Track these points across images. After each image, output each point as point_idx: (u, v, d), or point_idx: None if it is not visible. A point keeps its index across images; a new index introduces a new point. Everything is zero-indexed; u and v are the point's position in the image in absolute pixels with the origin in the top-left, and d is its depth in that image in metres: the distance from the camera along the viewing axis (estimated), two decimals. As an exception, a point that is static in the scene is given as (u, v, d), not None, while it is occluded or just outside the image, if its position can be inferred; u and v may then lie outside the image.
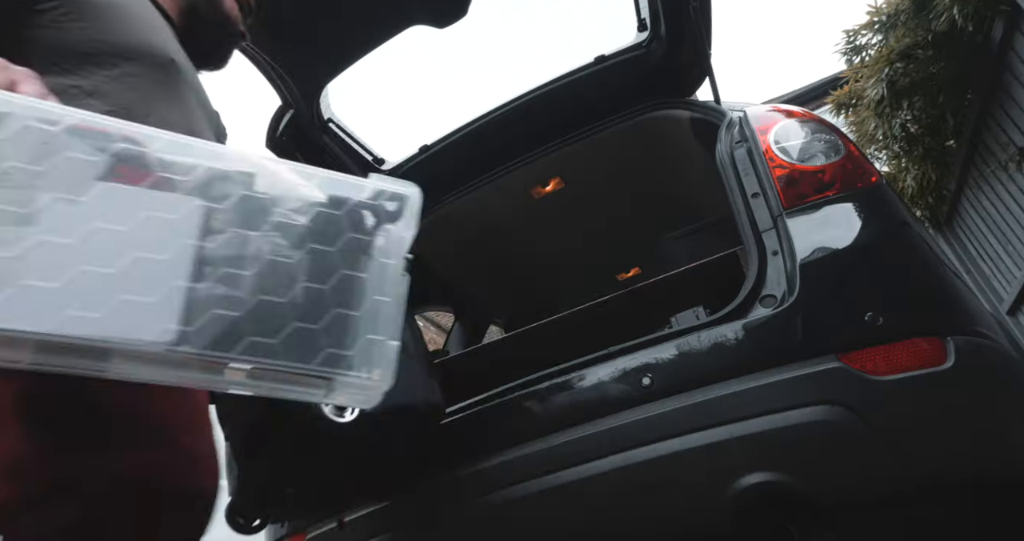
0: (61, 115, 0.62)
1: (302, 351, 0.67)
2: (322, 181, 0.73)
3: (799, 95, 8.57)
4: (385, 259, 0.73)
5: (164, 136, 0.67)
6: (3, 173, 0.58)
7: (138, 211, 0.63)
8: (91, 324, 0.59)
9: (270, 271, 0.67)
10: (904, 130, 4.13)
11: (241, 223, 0.67)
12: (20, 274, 0.57)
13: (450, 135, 2.16)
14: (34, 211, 0.59)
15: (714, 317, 1.24)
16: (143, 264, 0.62)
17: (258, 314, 0.65)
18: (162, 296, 0.62)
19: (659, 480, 1.14)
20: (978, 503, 1.11)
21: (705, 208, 2.41)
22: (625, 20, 2.00)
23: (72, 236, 0.60)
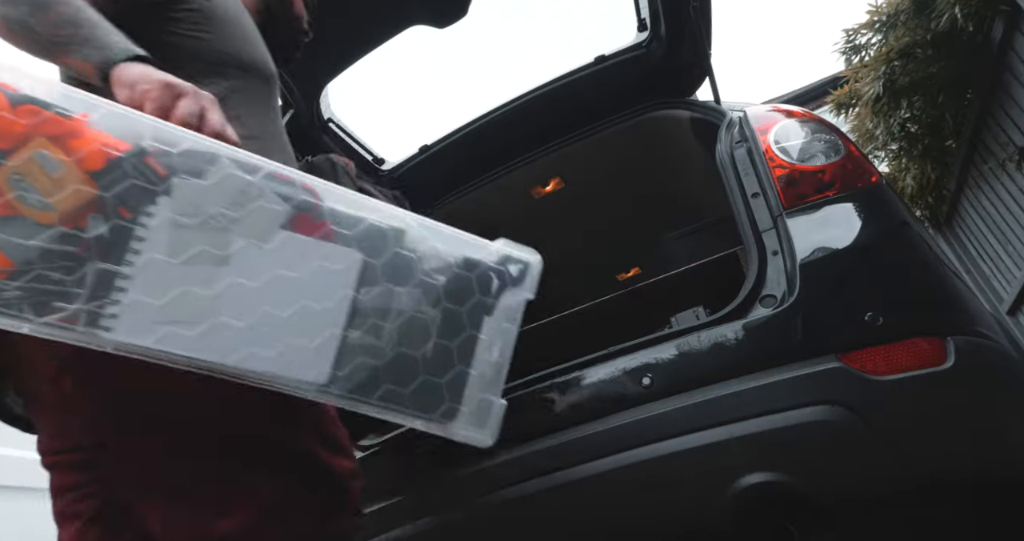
0: (258, 165, 0.67)
1: (427, 402, 0.73)
2: (458, 242, 0.79)
3: (799, 95, 8.56)
4: (503, 322, 0.79)
5: (335, 190, 0.72)
6: (208, 217, 0.64)
7: (310, 260, 0.69)
8: (265, 361, 0.65)
9: (408, 325, 0.73)
10: (903, 129, 4.13)
11: (391, 278, 0.73)
12: (215, 311, 0.63)
13: (450, 135, 2.16)
14: (229, 254, 0.65)
15: (714, 317, 1.24)
16: (310, 310, 0.68)
17: (395, 365, 0.71)
18: (322, 341, 0.68)
19: (659, 480, 1.14)
20: (978, 503, 1.11)
21: (705, 208, 2.41)
22: (625, 20, 2.00)
23: (258, 280, 0.66)
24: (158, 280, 0.62)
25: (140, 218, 0.61)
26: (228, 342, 0.64)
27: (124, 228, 0.61)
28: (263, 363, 0.65)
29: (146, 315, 0.61)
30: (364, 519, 0.94)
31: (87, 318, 0.59)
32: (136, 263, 0.61)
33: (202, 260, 0.64)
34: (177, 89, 0.72)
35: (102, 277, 0.60)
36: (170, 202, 0.62)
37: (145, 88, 0.70)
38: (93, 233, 0.59)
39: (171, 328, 0.62)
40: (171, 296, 0.62)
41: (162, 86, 0.71)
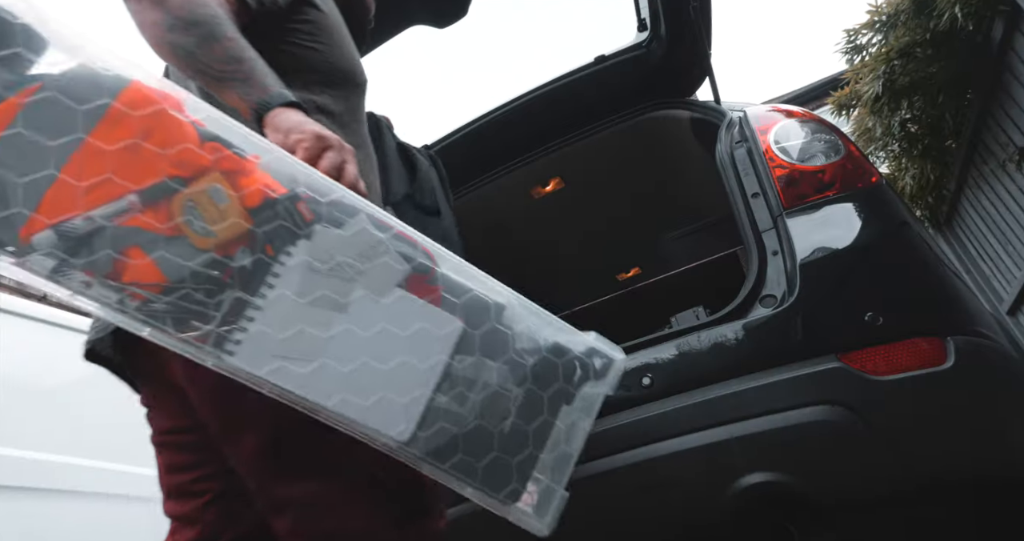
0: (390, 224, 0.73)
1: (495, 479, 0.74)
2: (552, 327, 0.81)
3: (799, 95, 8.56)
4: (579, 413, 0.80)
5: (450, 257, 0.77)
6: (337, 265, 0.69)
7: (416, 321, 0.72)
8: (358, 409, 0.68)
9: (492, 400, 0.75)
10: (904, 129, 4.13)
11: (484, 351, 0.75)
12: (325, 352, 0.68)
13: (450, 135, 2.16)
14: (348, 302, 0.69)
15: (714, 317, 1.24)
16: (407, 368, 0.71)
17: (473, 436, 0.73)
18: (412, 399, 0.71)
19: (659, 480, 1.14)
20: (978, 503, 1.11)
21: (705, 208, 2.41)
22: (625, 20, 2.00)
23: (368, 331, 0.70)
24: (282, 316, 0.66)
25: (280, 256, 0.67)
26: (330, 384, 0.67)
27: (265, 263, 0.66)
28: (356, 410, 0.68)
29: (266, 346, 0.65)
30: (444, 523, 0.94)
31: (215, 339, 0.64)
32: (268, 297, 0.66)
33: (323, 304, 0.68)
34: (326, 141, 0.77)
35: (236, 304, 0.65)
36: (308, 246, 0.68)
37: (299, 138, 0.76)
38: (239, 263, 0.65)
39: (284, 363, 0.66)
40: (291, 332, 0.66)
41: (314, 137, 0.76)
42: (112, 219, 0.61)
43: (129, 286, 0.62)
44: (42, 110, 0.60)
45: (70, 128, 0.60)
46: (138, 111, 0.63)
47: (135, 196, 0.62)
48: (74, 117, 0.61)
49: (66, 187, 0.60)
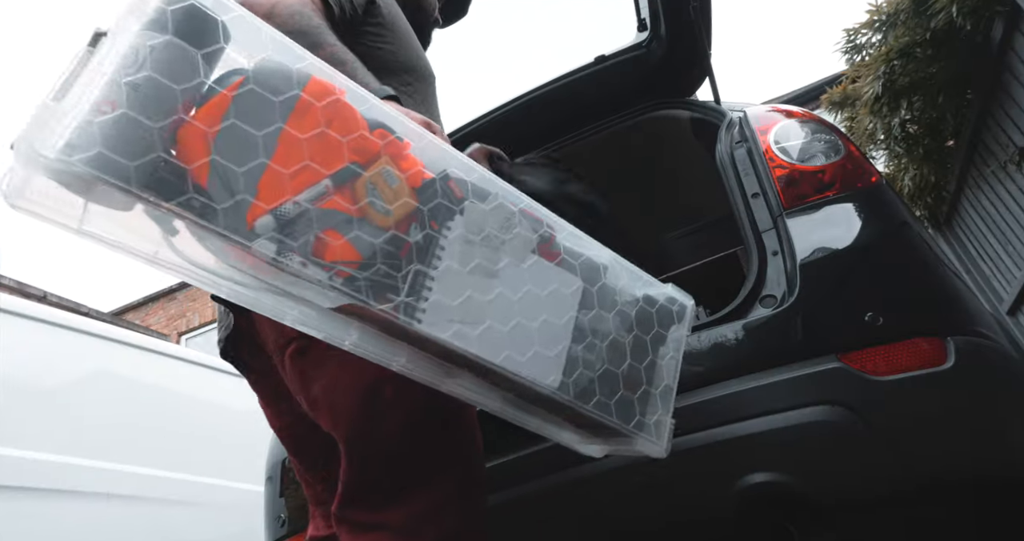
0: (520, 198, 0.82)
1: (625, 413, 0.85)
2: (642, 281, 0.93)
3: (799, 95, 8.57)
4: (671, 352, 0.92)
5: (566, 227, 0.87)
6: (487, 236, 0.77)
7: (551, 282, 0.82)
8: (519, 364, 0.77)
9: (611, 347, 0.85)
10: (904, 130, 4.13)
11: (601, 304, 0.86)
12: (489, 315, 0.76)
13: (450, 135, 2.16)
14: (498, 269, 0.77)
15: (714, 317, 1.24)
16: (550, 324, 0.80)
17: (604, 378, 0.84)
18: (558, 351, 0.80)
19: (659, 480, 1.14)
20: (978, 503, 1.11)
21: (705, 208, 2.41)
22: (625, 20, 2.00)
23: (517, 293, 0.78)
24: (453, 284, 0.74)
25: (443, 231, 0.74)
26: (496, 343, 0.75)
27: (433, 237, 0.73)
28: (518, 365, 0.76)
29: (444, 313, 0.72)
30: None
31: (405, 309, 0.70)
32: (439, 268, 0.73)
33: (480, 272, 0.76)
34: (433, 127, 0.85)
35: (417, 276, 0.72)
36: (463, 220, 0.76)
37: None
38: (414, 238, 0.72)
39: (461, 326, 0.73)
40: (461, 298, 0.74)
41: (423, 124, 0.83)
42: (314, 202, 0.67)
43: (334, 265, 0.67)
44: (248, 102, 0.64)
45: (272, 119, 0.65)
46: (321, 101, 0.69)
47: (329, 180, 0.68)
48: (273, 108, 0.66)
49: (275, 174, 0.65)
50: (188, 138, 0.62)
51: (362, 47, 1.01)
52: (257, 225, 0.63)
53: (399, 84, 1.03)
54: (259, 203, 0.64)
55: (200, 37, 0.63)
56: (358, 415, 0.90)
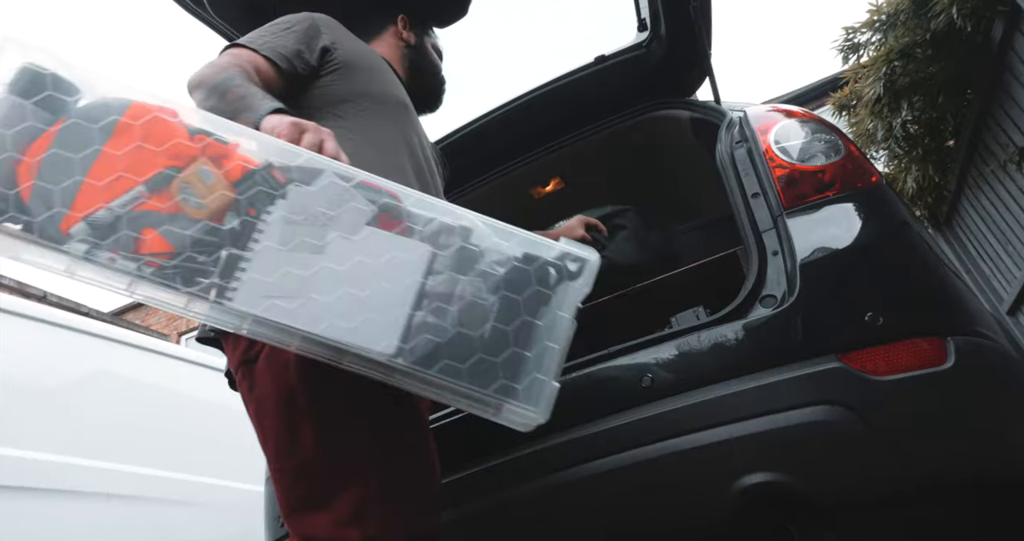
0: (354, 175, 0.86)
1: (482, 378, 0.83)
2: (521, 240, 0.90)
3: (799, 95, 8.57)
4: (559, 311, 0.88)
5: (416, 195, 0.88)
6: (311, 215, 0.82)
7: (388, 251, 0.84)
8: (344, 331, 0.80)
9: (469, 309, 0.84)
10: (904, 130, 4.13)
11: (455, 268, 0.86)
12: (308, 289, 0.80)
13: (450, 135, 2.16)
14: (325, 244, 0.82)
15: (714, 317, 1.24)
16: (384, 291, 0.82)
17: (454, 342, 0.83)
18: (393, 318, 0.81)
19: (659, 480, 1.14)
20: (978, 503, 1.11)
21: (705, 208, 2.41)
22: (625, 20, 2.00)
23: (343, 265, 0.82)
24: (269, 263, 0.80)
25: (262, 215, 0.81)
26: (316, 314, 0.79)
27: (250, 222, 0.81)
28: (342, 333, 0.79)
29: (258, 290, 0.79)
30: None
31: (216, 291, 0.78)
32: (255, 249, 0.80)
33: (303, 248, 0.81)
34: (301, 126, 0.93)
35: (230, 259, 0.79)
36: (285, 203, 0.82)
37: (280, 129, 0.92)
38: (228, 226, 0.80)
39: (275, 301, 0.79)
40: (277, 275, 0.79)
41: (291, 125, 0.93)
42: (126, 207, 0.78)
43: (145, 256, 0.78)
44: (70, 134, 0.79)
45: (90, 143, 0.79)
46: (139, 120, 0.81)
47: (143, 187, 0.79)
48: (92, 134, 0.79)
49: (90, 187, 0.78)
50: (21, 171, 0.77)
51: (318, 87, 1.24)
52: (72, 231, 0.76)
53: (354, 108, 1.22)
54: (73, 213, 0.77)
55: (31, 90, 0.79)
56: (279, 430, 0.97)
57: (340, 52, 1.27)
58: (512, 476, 1.25)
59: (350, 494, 0.91)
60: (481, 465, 1.29)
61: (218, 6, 1.69)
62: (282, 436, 0.97)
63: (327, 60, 1.26)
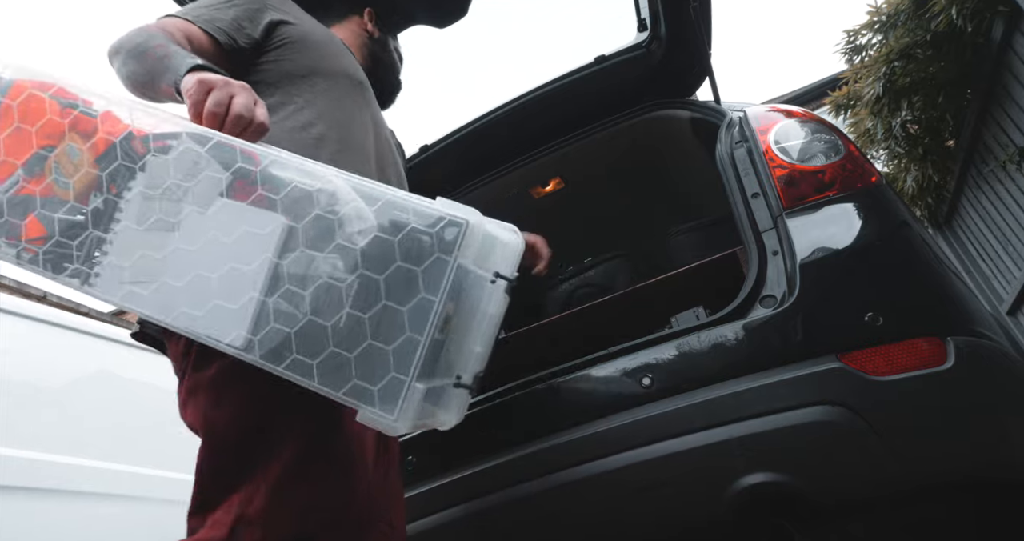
0: (209, 136, 0.76)
1: (333, 377, 0.70)
2: (386, 203, 0.74)
3: (799, 95, 8.56)
4: (427, 295, 0.70)
5: (277, 155, 0.77)
6: (167, 188, 0.75)
7: (240, 225, 0.74)
8: (195, 320, 0.73)
9: (324, 293, 0.71)
10: (904, 130, 4.13)
11: (309, 243, 0.72)
12: (162, 272, 0.73)
13: (450, 135, 2.16)
14: (178, 221, 0.74)
15: (714, 317, 1.24)
16: (235, 273, 0.73)
17: (305, 333, 0.70)
18: (242, 304, 0.72)
19: (659, 480, 1.14)
20: (978, 503, 1.11)
21: (705, 208, 2.41)
22: (625, 20, 2.00)
23: (196, 244, 0.74)
24: (127, 245, 0.75)
25: (123, 192, 0.75)
26: (169, 301, 0.74)
27: (112, 201, 0.75)
28: (193, 322, 0.73)
29: (117, 275, 0.74)
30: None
31: (82, 276, 0.74)
32: (116, 230, 0.75)
33: (158, 227, 0.75)
34: (208, 84, 0.84)
35: (94, 242, 0.74)
36: (144, 177, 0.76)
37: (187, 89, 0.84)
38: (92, 206, 0.75)
39: (132, 288, 0.74)
40: (134, 259, 0.74)
41: (196, 83, 0.83)
42: (8, 192, 0.75)
43: (22, 243, 0.75)
44: None
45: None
46: (16, 100, 0.77)
47: (21, 170, 0.76)
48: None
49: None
50: None
51: (270, 64, 1.17)
52: None
53: (307, 84, 1.16)
54: None
55: None
56: (200, 429, 0.89)
57: (290, 28, 1.22)
58: (511, 477, 1.25)
59: (249, 489, 0.82)
60: (480, 466, 1.29)
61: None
62: (202, 432, 0.89)
63: (275, 35, 1.20)
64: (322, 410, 0.84)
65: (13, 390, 2.35)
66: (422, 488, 1.34)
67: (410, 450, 1.40)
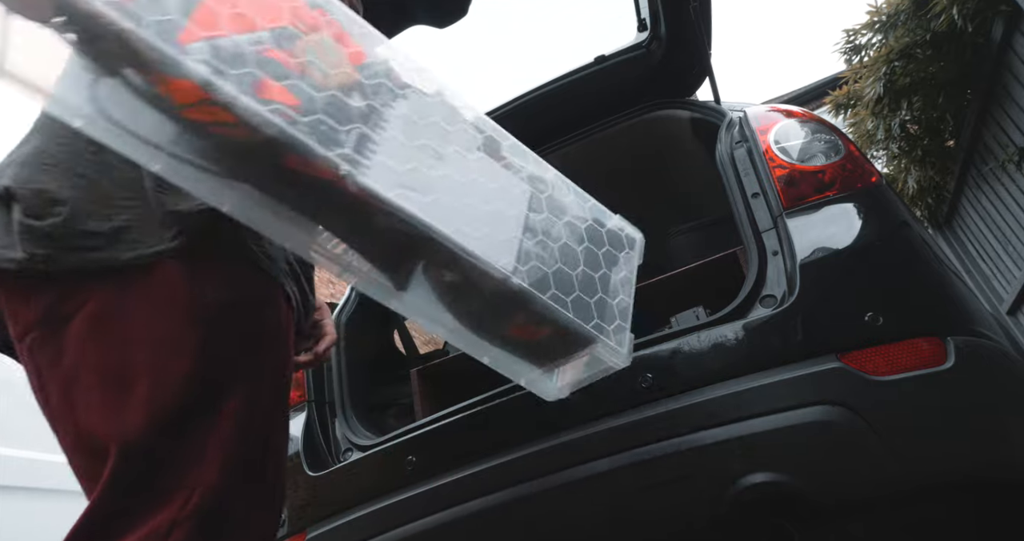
0: (466, 101, 0.86)
1: (582, 313, 0.86)
2: (593, 205, 0.98)
3: (799, 95, 8.56)
4: (625, 272, 0.95)
5: (511, 140, 0.90)
6: (431, 122, 0.80)
7: (498, 179, 0.85)
8: (471, 240, 0.77)
9: (563, 250, 0.87)
10: (904, 130, 4.13)
11: (550, 211, 0.89)
12: (438, 189, 0.77)
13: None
14: (445, 153, 0.80)
15: (714, 317, 1.24)
16: (501, 212, 0.83)
17: (558, 276, 0.85)
18: (508, 238, 0.82)
19: (659, 480, 1.14)
20: (978, 503, 1.11)
21: (705, 208, 2.41)
22: (625, 20, 2.00)
23: (465, 177, 0.81)
24: (397, 152, 0.75)
25: (386, 107, 0.76)
26: (447, 215, 0.76)
27: (376, 109, 0.75)
28: (470, 241, 0.76)
29: (389, 175, 0.73)
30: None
31: (351, 161, 0.70)
32: (382, 136, 0.75)
33: (426, 151, 0.78)
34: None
35: (361, 137, 0.72)
36: (406, 103, 0.78)
37: None
38: (356, 104, 0.73)
39: (406, 191, 0.74)
40: (408, 167, 0.75)
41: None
42: (252, 46, 0.67)
43: (272, 103, 0.66)
44: None
45: None
46: None
47: (267, 33, 0.70)
48: None
49: (211, 11, 0.65)
50: None
51: None
52: (190, 47, 0.61)
53: None
54: (192, 28, 0.62)
55: None
56: (99, 419, 0.73)
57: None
58: (511, 477, 1.25)
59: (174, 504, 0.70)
60: (480, 466, 1.29)
61: None
62: (104, 426, 0.73)
63: None
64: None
65: (13, 390, 2.35)
66: (422, 488, 1.34)
67: (410, 450, 1.40)
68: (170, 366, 0.74)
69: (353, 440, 1.56)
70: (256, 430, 0.79)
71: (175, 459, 0.72)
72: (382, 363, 2.01)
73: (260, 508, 0.78)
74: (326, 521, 1.42)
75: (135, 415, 0.72)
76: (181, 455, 0.73)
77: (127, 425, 0.72)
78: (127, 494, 0.72)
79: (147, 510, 0.70)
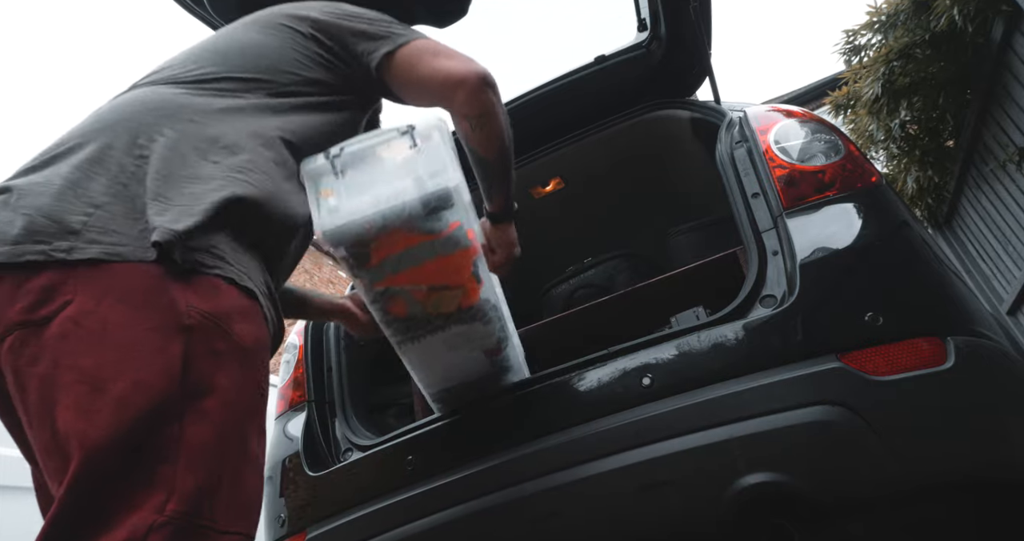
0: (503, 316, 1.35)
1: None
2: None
3: (799, 95, 8.57)
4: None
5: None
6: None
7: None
8: None
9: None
10: (903, 130, 4.13)
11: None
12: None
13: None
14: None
15: (714, 317, 1.24)
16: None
17: None
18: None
19: (658, 480, 1.14)
20: (978, 503, 1.11)
21: (705, 208, 2.41)
22: (625, 20, 2.00)
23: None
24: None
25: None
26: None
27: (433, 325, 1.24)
28: None
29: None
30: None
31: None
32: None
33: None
34: (512, 256, 1.39)
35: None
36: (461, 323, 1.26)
37: (507, 254, 1.38)
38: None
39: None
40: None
41: (510, 256, 1.38)
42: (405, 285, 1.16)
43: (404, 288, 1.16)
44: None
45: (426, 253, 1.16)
46: (455, 251, 1.16)
47: (425, 286, 1.15)
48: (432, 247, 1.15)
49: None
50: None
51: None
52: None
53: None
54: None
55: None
56: (73, 418, 0.72)
57: None
58: (511, 477, 1.25)
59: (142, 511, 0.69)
60: (479, 466, 1.29)
61: (218, 6, 1.69)
62: (80, 428, 0.72)
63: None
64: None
65: (13, 390, 2.35)
66: (422, 488, 1.34)
67: (410, 450, 1.40)
68: (148, 370, 0.74)
69: (353, 440, 1.56)
70: (234, 438, 0.80)
71: (149, 464, 0.72)
72: (382, 363, 2.01)
73: (237, 515, 0.78)
74: (326, 521, 1.42)
75: (107, 416, 0.72)
76: (155, 460, 0.73)
77: (98, 425, 0.71)
78: (95, 497, 0.71)
79: (118, 514, 0.70)
